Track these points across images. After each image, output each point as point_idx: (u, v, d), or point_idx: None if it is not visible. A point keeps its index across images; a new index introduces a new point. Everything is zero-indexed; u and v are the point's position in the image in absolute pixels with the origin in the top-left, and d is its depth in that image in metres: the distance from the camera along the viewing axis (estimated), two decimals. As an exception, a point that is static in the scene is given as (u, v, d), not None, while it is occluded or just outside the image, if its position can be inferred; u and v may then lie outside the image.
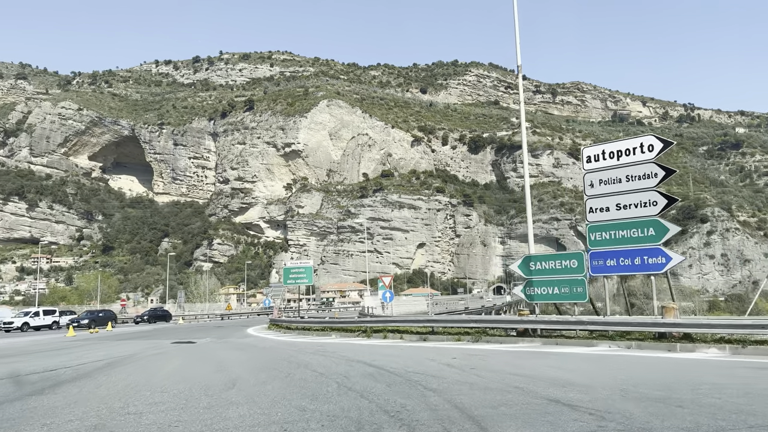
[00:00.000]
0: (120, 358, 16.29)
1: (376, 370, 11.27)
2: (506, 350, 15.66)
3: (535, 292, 19.22)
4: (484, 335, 18.86)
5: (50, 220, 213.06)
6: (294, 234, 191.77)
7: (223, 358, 15.51)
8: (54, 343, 24.86)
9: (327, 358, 14.17)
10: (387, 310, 50.64)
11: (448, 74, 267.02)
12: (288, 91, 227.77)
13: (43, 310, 47.94)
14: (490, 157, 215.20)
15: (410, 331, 21.65)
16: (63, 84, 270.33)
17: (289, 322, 30.75)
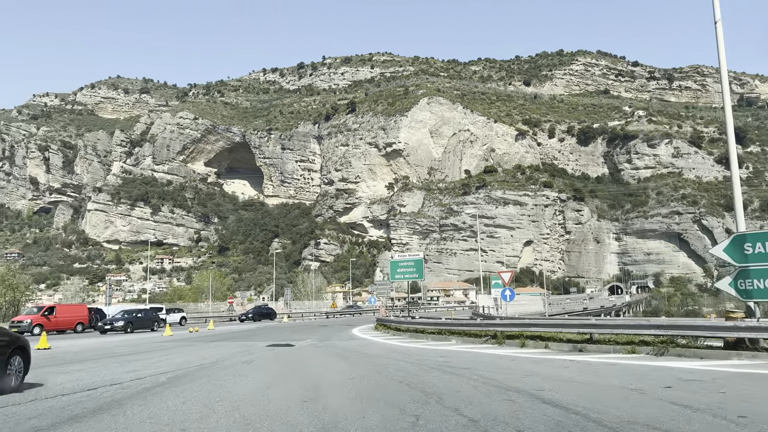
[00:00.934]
0: (193, 369, 12.62)
1: (564, 415, 6.54)
2: (737, 373, 10.27)
3: (755, 286, 13.18)
4: (671, 346, 13.44)
5: (171, 223, 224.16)
6: (396, 233, 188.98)
7: (320, 374, 11.35)
8: (143, 344, 22.17)
9: (464, 381, 9.62)
10: (501, 310, 45.46)
11: (552, 65, 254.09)
12: (388, 91, 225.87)
13: (150, 307, 47.06)
14: (601, 149, 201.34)
15: (557, 338, 16.62)
16: (180, 96, 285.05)
17: (398, 323, 26.60)
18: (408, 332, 24.15)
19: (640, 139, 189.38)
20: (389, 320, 28.19)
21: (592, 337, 15.57)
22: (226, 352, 17.52)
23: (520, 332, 17.79)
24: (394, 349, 17.51)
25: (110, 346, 21.86)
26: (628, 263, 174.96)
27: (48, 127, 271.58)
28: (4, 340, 9.57)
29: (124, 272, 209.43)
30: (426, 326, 22.98)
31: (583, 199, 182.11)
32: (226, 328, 38.34)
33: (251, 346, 20.29)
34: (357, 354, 15.92)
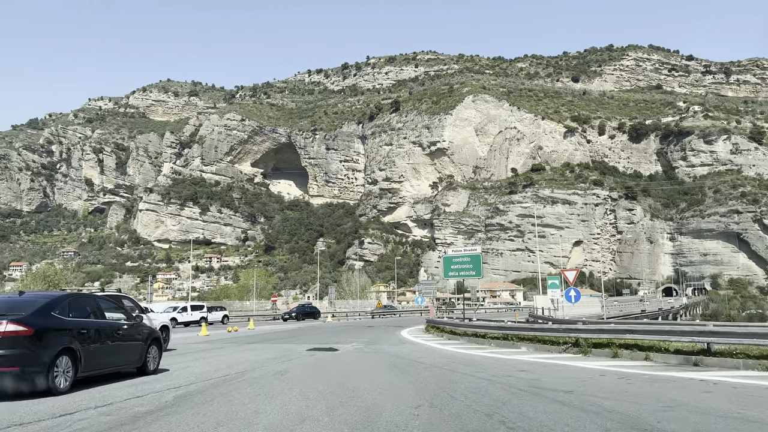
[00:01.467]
0: (213, 382, 9.92)
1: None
2: None
3: None
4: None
5: (219, 222, 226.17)
6: (441, 232, 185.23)
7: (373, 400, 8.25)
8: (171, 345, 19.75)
9: (586, 417, 6.51)
10: (559, 313, 41.98)
11: (602, 60, 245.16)
12: (433, 89, 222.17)
13: (191, 305, 45.04)
14: (654, 146, 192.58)
15: (660, 347, 13.30)
16: (228, 98, 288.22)
17: (453, 325, 23.52)
18: (465, 336, 21.12)
19: (695, 135, 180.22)
20: (442, 322, 25.14)
21: (710, 347, 12.22)
22: (259, 357, 14.88)
23: (610, 339, 14.53)
24: (457, 358, 14.50)
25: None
26: (683, 264, 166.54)
27: (102, 129, 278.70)
28: (144, 333, 11.67)
29: (173, 271, 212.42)
30: (488, 330, 19.84)
31: (636, 198, 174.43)
32: (268, 327, 36.21)
33: (290, 350, 17.66)
34: (414, 365, 12.98)
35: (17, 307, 9.22)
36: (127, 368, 11.15)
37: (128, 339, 11.08)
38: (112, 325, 10.74)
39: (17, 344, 8.47)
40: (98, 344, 10.07)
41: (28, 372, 8.52)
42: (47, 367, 8.69)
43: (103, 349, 10.21)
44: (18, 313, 8.91)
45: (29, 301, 9.60)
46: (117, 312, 11.36)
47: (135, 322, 11.61)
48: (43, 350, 8.75)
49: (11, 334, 8.48)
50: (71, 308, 9.89)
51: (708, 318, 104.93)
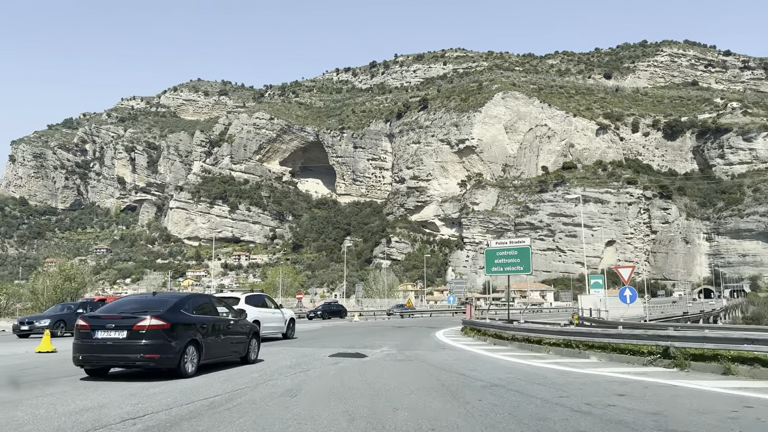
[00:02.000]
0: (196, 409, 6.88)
1: None
2: None
3: None
4: None
5: (248, 221, 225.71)
6: (469, 231, 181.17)
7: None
8: None
9: None
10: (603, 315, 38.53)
11: (635, 56, 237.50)
12: (461, 86, 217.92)
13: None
14: (690, 144, 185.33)
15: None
16: (257, 97, 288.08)
17: (498, 328, 20.01)
18: (514, 342, 17.71)
19: (734, 132, 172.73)
20: (484, 324, 21.65)
21: None
22: (269, 366, 11.83)
23: (715, 351, 11.15)
24: (519, 373, 11.14)
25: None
26: (720, 265, 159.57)
27: (134, 129, 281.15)
28: (247, 327, 13.26)
29: (203, 268, 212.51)
30: (545, 335, 16.43)
31: (671, 197, 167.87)
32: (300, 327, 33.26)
33: (309, 355, 14.62)
34: (467, 383, 9.69)
35: (154, 306, 10.76)
36: (234, 358, 12.64)
37: (235, 333, 12.72)
38: (224, 320, 12.35)
39: (158, 336, 10.10)
40: (214, 337, 11.67)
41: (166, 358, 10.15)
42: (179, 355, 10.33)
43: (217, 341, 11.81)
44: (157, 311, 10.43)
45: (162, 301, 11.20)
46: (224, 309, 12.79)
47: (240, 319, 13.35)
48: (176, 341, 10.34)
49: (153, 327, 10.10)
50: (193, 306, 11.51)
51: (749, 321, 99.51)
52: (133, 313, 10.47)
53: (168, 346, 10.13)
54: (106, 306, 11.68)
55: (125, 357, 10.17)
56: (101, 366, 10.73)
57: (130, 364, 10.37)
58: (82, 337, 10.47)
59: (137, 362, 10.18)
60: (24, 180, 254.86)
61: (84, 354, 10.31)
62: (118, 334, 10.15)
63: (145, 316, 10.19)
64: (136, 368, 10.54)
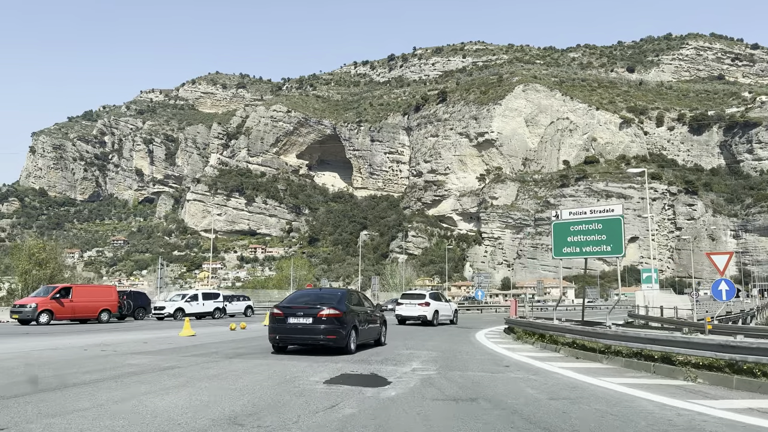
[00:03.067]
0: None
1: None
2: None
3: None
4: None
5: (264, 213, 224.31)
6: (487, 226, 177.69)
7: None
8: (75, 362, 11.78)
9: None
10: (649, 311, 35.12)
11: (659, 49, 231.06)
12: (481, 79, 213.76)
13: (204, 293, 38.52)
14: (717, 138, 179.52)
15: None
16: (275, 90, 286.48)
17: (580, 335, 14.65)
18: (612, 356, 12.77)
19: (763, 126, 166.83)
20: (555, 328, 16.44)
21: None
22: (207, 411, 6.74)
23: None
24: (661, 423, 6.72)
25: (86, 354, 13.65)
26: (748, 263, 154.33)
27: (152, 121, 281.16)
28: (380, 317, 16.78)
29: (219, 260, 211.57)
30: (677, 348, 10.86)
31: (696, 193, 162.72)
32: None
33: (291, 380, 9.33)
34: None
35: (327, 300, 13.96)
36: (371, 340, 15.72)
37: (374, 321, 15.97)
38: (370, 311, 15.85)
39: (334, 322, 13.26)
40: (365, 324, 15.02)
41: (339, 339, 13.34)
42: (347, 336, 13.63)
43: (365, 327, 15.07)
44: (331, 303, 13.63)
45: (332, 295, 14.51)
46: (368, 303, 16.51)
47: (376, 310, 16.87)
48: (345, 325, 13.55)
49: (331, 315, 13.27)
50: (351, 300, 14.65)
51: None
52: (314, 305, 13.53)
53: (340, 330, 13.25)
54: (289, 298, 15.05)
55: (312, 337, 13.20)
56: (293, 344, 13.76)
57: (315, 342, 13.29)
58: (277, 321, 13.59)
59: (320, 341, 13.21)
60: (44, 171, 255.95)
61: (280, 335, 13.47)
62: (305, 320, 13.24)
63: (323, 307, 13.28)
64: (319, 346, 13.39)
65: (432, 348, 16.23)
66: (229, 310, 39.35)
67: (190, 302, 36.35)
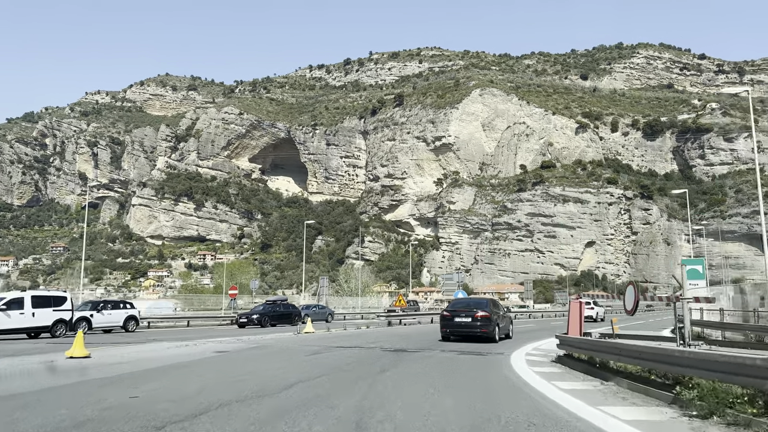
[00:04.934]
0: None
1: None
2: None
3: None
4: None
5: (215, 219, 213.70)
6: (445, 231, 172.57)
7: None
8: None
9: None
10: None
11: (611, 58, 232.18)
12: (438, 83, 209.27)
13: (33, 297, 24.56)
14: (670, 144, 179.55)
15: None
16: (227, 93, 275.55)
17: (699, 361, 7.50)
18: None
19: (715, 132, 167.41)
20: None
21: None
22: None
23: None
24: None
25: None
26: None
27: (98, 123, 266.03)
28: (509, 317, 24.04)
29: (165, 268, 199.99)
30: None
31: (652, 197, 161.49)
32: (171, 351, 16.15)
33: None
34: None
35: (479, 305, 20.37)
36: (503, 334, 20.98)
37: (507, 321, 22.68)
38: (504, 313, 22.65)
39: (485, 320, 19.29)
40: (502, 322, 21.20)
41: (489, 332, 19.35)
42: (493, 330, 19.54)
43: (502, 324, 21.22)
44: (482, 308, 19.86)
45: (480, 302, 21.21)
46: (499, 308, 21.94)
47: (506, 312, 23.53)
48: (491, 323, 19.46)
49: (483, 316, 19.34)
50: (493, 305, 20.86)
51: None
52: (471, 309, 19.91)
53: (490, 326, 19.43)
54: (452, 304, 22.54)
55: (471, 331, 19.51)
56: (458, 335, 19.84)
57: (473, 335, 19.51)
58: (446, 320, 20.01)
59: (477, 334, 19.44)
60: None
61: (450, 329, 19.82)
62: (466, 319, 19.57)
63: (478, 310, 19.71)
64: (475, 336, 19.40)
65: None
66: (98, 323, 28.37)
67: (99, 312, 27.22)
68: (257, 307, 36.68)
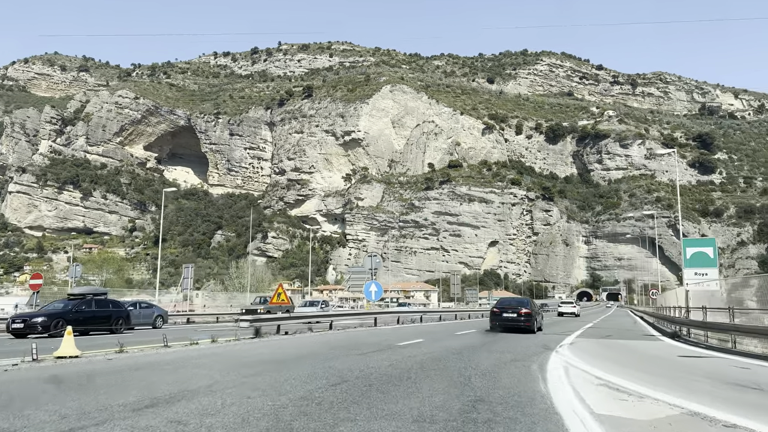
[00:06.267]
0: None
1: None
2: None
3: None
4: None
5: (104, 210, 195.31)
6: (352, 228, 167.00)
7: None
8: None
9: None
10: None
11: (517, 64, 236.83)
12: (349, 77, 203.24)
13: None
14: (570, 148, 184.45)
15: None
16: (123, 76, 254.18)
17: None
18: None
19: (612, 138, 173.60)
20: None
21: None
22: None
23: None
24: None
25: None
26: (597, 268, 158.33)
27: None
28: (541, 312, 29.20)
29: (46, 262, 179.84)
30: None
31: (552, 199, 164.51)
32: None
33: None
34: None
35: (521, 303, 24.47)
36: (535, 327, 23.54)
37: (539, 316, 25.49)
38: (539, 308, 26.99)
39: (528, 316, 22.84)
40: (538, 317, 25.01)
41: (531, 326, 22.86)
42: (533, 323, 23.09)
43: (538, 318, 25.00)
44: (525, 305, 23.74)
45: (523, 301, 25.47)
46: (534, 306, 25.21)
47: (540, 308, 28.57)
48: (532, 318, 23.00)
49: (526, 312, 22.92)
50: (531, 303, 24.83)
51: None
52: (516, 306, 23.65)
53: (530, 321, 22.95)
54: (499, 302, 26.19)
55: (517, 325, 23.04)
56: (505, 329, 23.20)
57: (518, 328, 23.00)
58: (495, 315, 23.81)
59: (521, 327, 22.94)
60: None
61: (498, 323, 23.49)
62: (512, 314, 23.17)
63: (522, 307, 23.43)
64: (519, 329, 22.94)
65: None
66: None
67: None
68: (54, 303, 25.03)
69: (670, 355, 14.58)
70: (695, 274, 19.69)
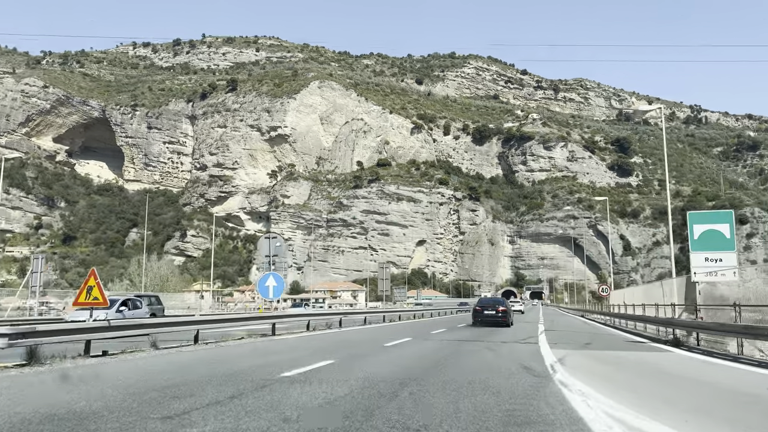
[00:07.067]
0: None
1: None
2: None
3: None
4: None
5: (5, 205, 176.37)
6: (278, 227, 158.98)
7: None
8: None
9: None
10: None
11: (445, 66, 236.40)
12: (276, 72, 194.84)
13: None
14: (496, 149, 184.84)
15: None
16: (32, 64, 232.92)
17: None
18: None
19: (536, 140, 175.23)
20: None
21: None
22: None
23: None
24: None
25: None
26: (521, 267, 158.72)
27: None
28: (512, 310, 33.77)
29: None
30: None
31: (479, 199, 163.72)
32: None
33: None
34: None
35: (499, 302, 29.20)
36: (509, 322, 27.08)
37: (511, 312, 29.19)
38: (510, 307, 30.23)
39: (504, 313, 27.03)
40: (510, 313, 28.53)
41: (506, 320, 26.83)
42: (508, 319, 27.29)
43: (510, 314, 28.71)
44: (501, 303, 28.75)
45: (499, 300, 31.96)
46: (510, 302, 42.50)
47: (511, 308, 31.32)
48: (507, 314, 27.32)
49: (502, 310, 27.24)
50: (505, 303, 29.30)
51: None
52: (494, 305, 27.81)
53: (506, 316, 26.74)
54: (480, 300, 31.59)
55: (495, 320, 26.38)
56: (485, 324, 26.12)
57: (496, 322, 26.15)
58: (477, 312, 27.40)
59: (499, 322, 26.19)
60: None
61: (480, 318, 26.83)
62: (492, 311, 26.90)
63: (499, 306, 27.58)
64: (497, 323, 26.12)
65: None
66: None
67: None
68: None
69: (713, 379, 9.66)
70: (706, 260, 15.06)
